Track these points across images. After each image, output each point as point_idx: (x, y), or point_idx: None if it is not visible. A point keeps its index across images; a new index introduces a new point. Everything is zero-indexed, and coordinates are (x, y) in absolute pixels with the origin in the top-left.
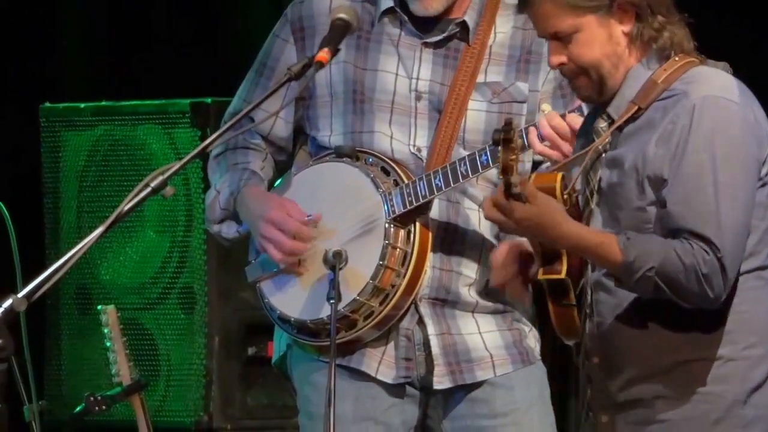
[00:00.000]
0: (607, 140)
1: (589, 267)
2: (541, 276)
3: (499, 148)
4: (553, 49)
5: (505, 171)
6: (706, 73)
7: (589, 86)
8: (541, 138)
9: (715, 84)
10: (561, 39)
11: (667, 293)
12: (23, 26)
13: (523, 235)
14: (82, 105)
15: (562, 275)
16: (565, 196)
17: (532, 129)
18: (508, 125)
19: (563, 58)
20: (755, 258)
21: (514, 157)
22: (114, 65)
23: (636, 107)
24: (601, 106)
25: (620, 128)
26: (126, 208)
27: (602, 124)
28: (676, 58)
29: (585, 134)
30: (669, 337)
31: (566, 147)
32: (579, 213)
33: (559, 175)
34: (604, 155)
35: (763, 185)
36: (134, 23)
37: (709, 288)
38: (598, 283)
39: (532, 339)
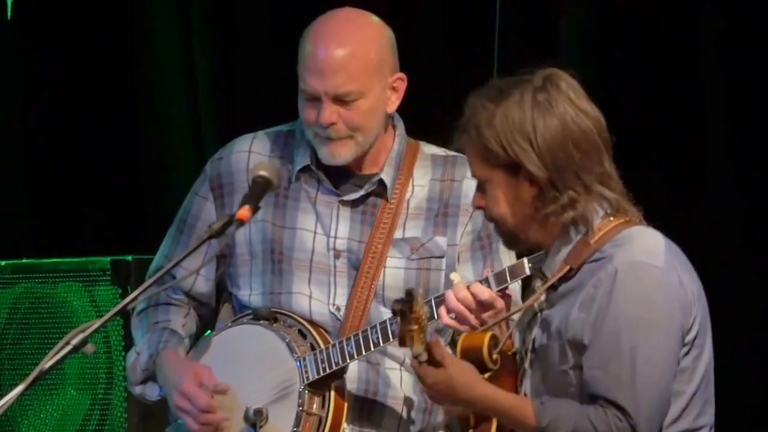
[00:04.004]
0: (542, 299)
1: None
2: None
3: (397, 320)
4: (477, 189)
5: (403, 343)
6: (635, 235)
7: (503, 236)
8: (449, 311)
9: (640, 248)
10: (481, 184)
11: None
12: None
13: (438, 399)
14: (3, 263)
15: None
16: (495, 356)
17: (443, 306)
18: (409, 296)
19: (482, 203)
20: (682, 421)
21: (415, 327)
22: (34, 223)
23: (568, 267)
24: (539, 263)
25: (555, 287)
26: (47, 365)
27: (538, 282)
28: (611, 218)
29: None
30: None
31: (473, 320)
32: (516, 372)
33: (488, 335)
34: (539, 314)
35: (688, 351)
36: (54, 180)
37: None
38: None
39: None
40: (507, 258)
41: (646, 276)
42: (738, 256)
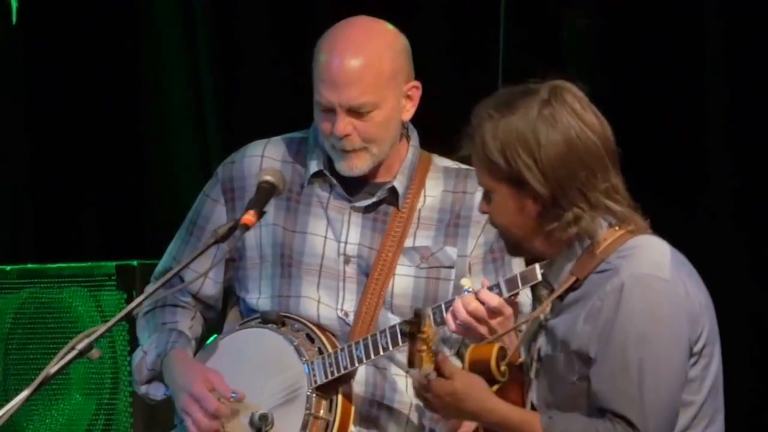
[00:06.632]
0: (548, 309)
1: None
2: None
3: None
4: (483, 196)
5: (411, 364)
6: (641, 246)
7: (507, 243)
8: (456, 320)
9: (646, 260)
10: (487, 192)
11: None
12: None
13: (446, 412)
14: (8, 268)
15: None
16: (503, 368)
17: (450, 314)
18: (417, 316)
19: (487, 209)
20: (692, 431)
21: (424, 347)
22: (39, 228)
23: (574, 278)
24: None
25: (561, 297)
26: (52, 370)
27: (543, 291)
28: (616, 228)
29: (534, 298)
30: None
31: (483, 329)
32: (521, 382)
33: (496, 347)
34: (545, 323)
35: (696, 361)
36: (59, 185)
37: None
38: None
39: None
40: (518, 270)
41: (652, 289)
42: (736, 259)
